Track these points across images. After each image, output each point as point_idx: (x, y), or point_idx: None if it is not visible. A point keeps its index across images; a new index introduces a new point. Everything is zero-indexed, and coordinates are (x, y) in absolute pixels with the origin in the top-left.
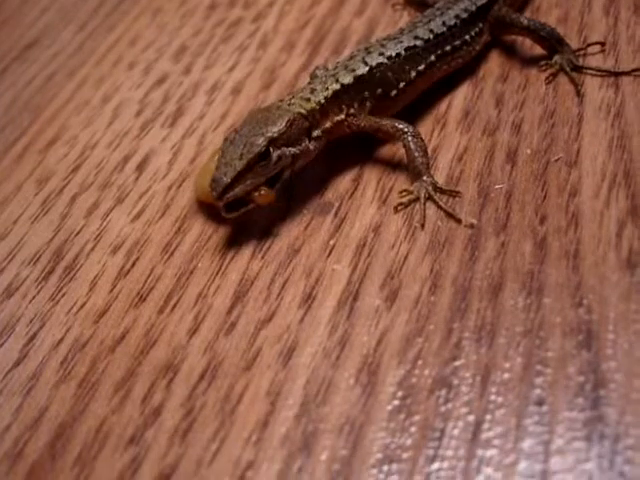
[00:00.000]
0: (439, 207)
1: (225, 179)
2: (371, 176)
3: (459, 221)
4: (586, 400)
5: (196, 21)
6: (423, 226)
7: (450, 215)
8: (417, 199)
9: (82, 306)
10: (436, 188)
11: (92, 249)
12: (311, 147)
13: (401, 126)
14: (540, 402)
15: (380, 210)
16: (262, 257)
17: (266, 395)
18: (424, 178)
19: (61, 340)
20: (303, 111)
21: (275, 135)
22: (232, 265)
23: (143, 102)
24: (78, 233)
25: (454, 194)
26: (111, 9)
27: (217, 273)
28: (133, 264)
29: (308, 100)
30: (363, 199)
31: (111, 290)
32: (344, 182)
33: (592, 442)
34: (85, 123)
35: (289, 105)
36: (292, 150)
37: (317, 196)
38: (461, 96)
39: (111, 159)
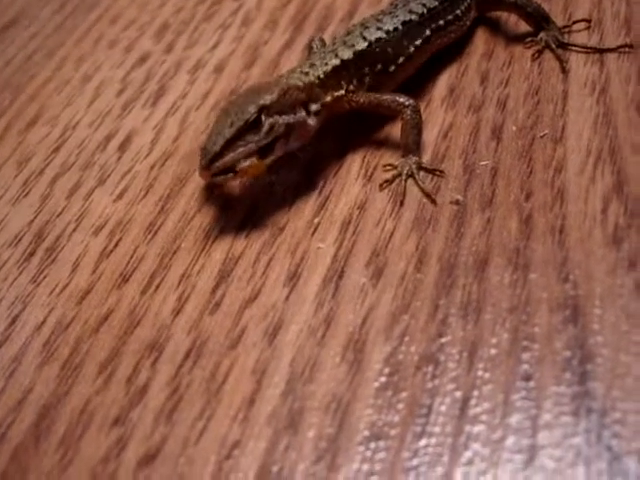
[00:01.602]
0: (418, 186)
1: (214, 147)
2: (356, 154)
3: (434, 202)
4: (573, 375)
5: None
6: (402, 202)
7: (427, 195)
8: (400, 175)
9: (64, 287)
10: (420, 167)
11: (74, 230)
12: (310, 122)
13: (402, 100)
14: (527, 377)
15: (365, 188)
16: (246, 236)
17: (252, 373)
18: (411, 156)
19: (43, 322)
20: (300, 83)
21: (267, 102)
22: (216, 244)
23: (124, 81)
24: (60, 214)
25: (438, 173)
26: None
27: (201, 252)
28: (116, 244)
29: (307, 74)
30: (348, 177)
31: (94, 271)
32: (329, 160)
33: (579, 417)
34: (66, 103)
35: (287, 79)
36: (285, 118)
37: (302, 174)
38: (446, 73)
39: (93, 139)
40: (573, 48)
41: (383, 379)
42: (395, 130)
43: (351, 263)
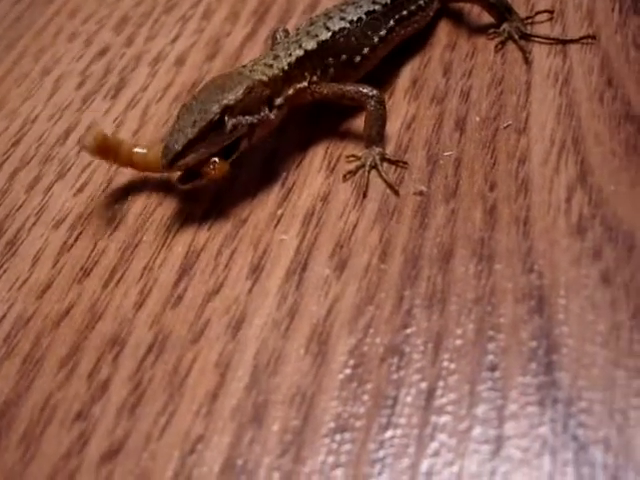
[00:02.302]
0: (381, 177)
1: (176, 146)
2: (319, 145)
3: (397, 193)
4: (539, 365)
5: None
6: (365, 194)
7: (390, 186)
8: (363, 166)
9: (25, 282)
10: (384, 158)
11: (34, 224)
12: (272, 116)
13: (366, 90)
14: (493, 368)
15: (328, 179)
16: (208, 228)
17: (215, 367)
18: (374, 147)
19: (3, 317)
20: (264, 78)
21: (231, 103)
22: (178, 237)
23: (84, 74)
24: (19, 208)
25: (401, 164)
26: None
27: (162, 246)
28: (76, 238)
29: (271, 67)
30: (311, 168)
31: (54, 265)
32: (291, 151)
33: (545, 407)
34: (25, 96)
35: (250, 72)
36: (249, 119)
37: (264, 166)
38: (409, 65)
39: (52, 133)
40: (536, 39)
41: (348, 371)
42: (358, 121)
43: (314, 255)
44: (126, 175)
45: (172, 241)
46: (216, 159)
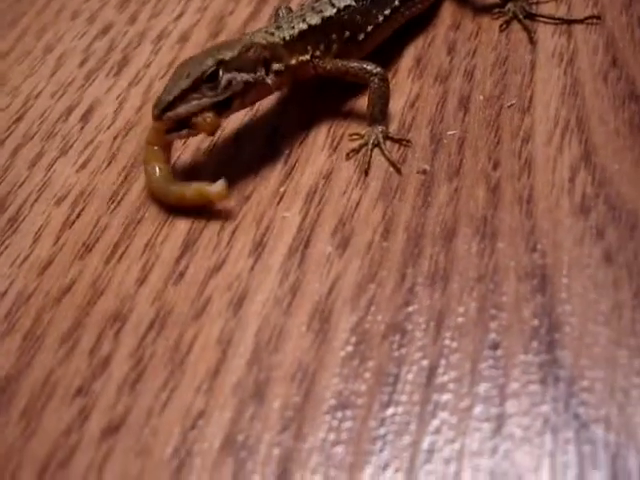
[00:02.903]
0: (384, 155)
1: (168, 97)
2: (322, 123)
3: (399, 172)
4: (541, 344)
5: None
6: (367, 172)
7: (393, 165)
8: (366, 145)
9: (26, 258)
10: (387, 136)
11: (36, 200)
12: (268, 80)
13: (370, 67)
14: (495, 346)
15: (331, 157)
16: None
17: (217, 343)
18: (377, 125)
19: (4, 293)
20: (263, 41)
21: (226, 58)
22: (180, 214)
23: (87, 51)
24: (21, 185)
25: (404, 143)
26: None
27: (165, 222)
28: (78, 215)
29: (272, 34)
30: (314, 146)
31: (56, 241)
32: (294, 129)
33: (547, 385)
34: (27, 73)
35: (252, 38)
36: (244, 76)
37: (267, 143)
38: (413, 44)
39: (55, 109)
40: (541, 19)
41: (350, 348)
42: (362, 99)
43: (317, 232)
44: (129, 152)
45: (174, 217)
46: (209, 113)
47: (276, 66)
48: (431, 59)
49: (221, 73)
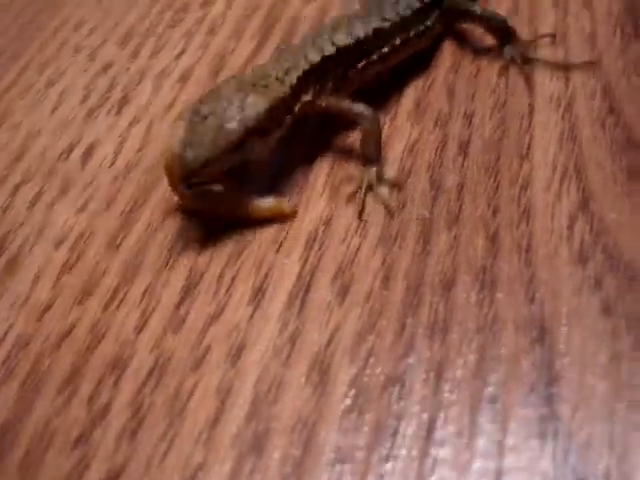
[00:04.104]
0: (376, 199)
1: (194, 163)
2: (321, 168)
3: (392, 215)
4: (539, 397)
5: (143, 5)
6: (360, 216)
7: (385, 207)
8: (360, 188)
9: (25, 301)
10: (381, 178)
11: (35, 242)
12: (279, 134)
13: (360, 109)
14: (493, 399)
15: (330, 203)
16: (211, 250)
17: (216, 393)
18: (372, 167)
19: (3, 337)
20: (280, 95)
21: (252, 124)
22: (180, 259)
23: (88, 88)
24: (21, 225)
25: (397, 187)
26: None
27: (165, 267)
28: (78, 258)
29: (283, 82)
30: (313, 191)
31: (55, 285)
32: (294, 174)
33: (546, 439)
34: (29, 109)
35: (264, 87)
36: (265, 140)
37: (267, 188)
38: (413, 85)
39: (55, 148)
40: (538, 63)
41: (349, 401)
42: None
43: (316, 280)
44: (128, 193)
45: (174, 262)
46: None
47: (288, 119)
48: (430, 102)
49: (246, 140)
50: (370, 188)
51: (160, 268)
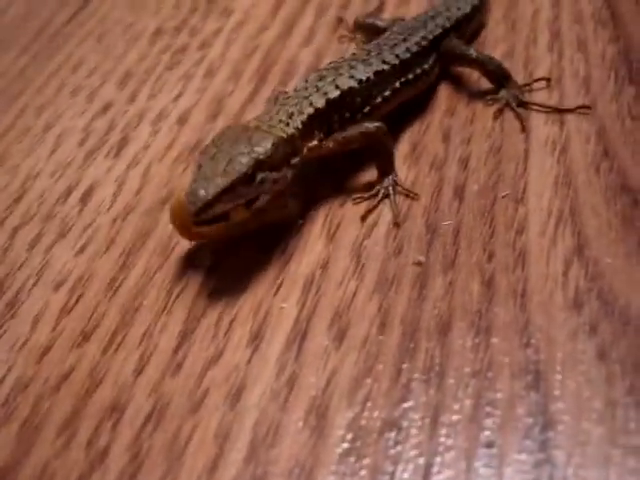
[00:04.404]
0: (391, 206)
1: (207, 195)
2: (318, 212)
3: (397, 225)
4: (534, 442)
5: (141, 47)
6: (363, 218)
7: (394, 217)
8: (375, 195)
9: (24, 344)
10: (396, 187)
11: (34, 284)
12: (288, 175)
13: (368, 125)
14: (489, 444)
15: (327, 247)
16: (208, 294)
17: (214, 438)
18: (389, 177)
19: (2, 379)
20: (285, 135)
21: (262, 157)
22: (178, 302)
23: (87, 130)
24: (20, 267)
25: (412, 196)
26: (55, 32)
27: (163, 311)
28: (77, 301)
29: (287, 125)
30: (310, 235)
31: (54, 328)
32: (291, 217)
33: None
34: (27, 151)
35: (270, 127)
36: (274, 175)
37: (264, 231)
38: (408, 130)
39: (54, 190)
40: (533, 107)
41: (346, 445)
42: (358, 186)
43: (314, 324)
44: (127, 236)
45: (172, 306)
46: (241, 208)
47: (294, 160)
48: (426, 146)
49: (257, 173)
50: (386, 196)
51: (158, 312)
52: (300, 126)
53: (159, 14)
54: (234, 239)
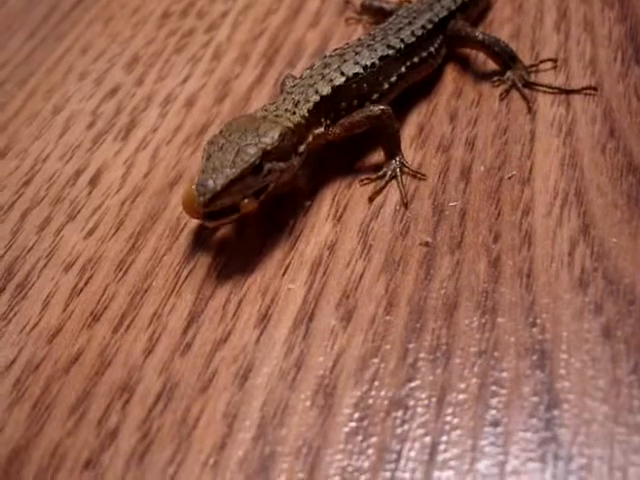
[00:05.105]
0: (399, 187)
1: (215, 187)
2: (325, 193)
3: (406, 206)
4: (540, 421)
5: (148, 30)
6: (371, 199)
7: (403, 197)
8: (384, 176)
9: (35, 325)
10: (403, 169)
11: (44, 266)
12: (295, 163)
13: (373, 109)
14: (495, 423)
15: (335, 228)
16: (217, 276)
17: (223, 417)
18: (395, 159)
19: (14, 361)
20: (291, 125)
21: (269, 148)
22: (187, 284)
23: (95, 114)
24: (30, 250)
25: (420, 176)
26: (62, 16)
27: (172, 292)
28: (86, 282)
29: (293, 113)
30: (318, 217)
31: (64, 309)
32: (298, 199)
33: (546, 463)
34: (36, 135)
35: (276, 117)
36: (282, 165)
37: (272, 213)
38: (415, 112)
39: (63, 173)
40: (539, 88)
41: (353, 424)
42: (365, 168)
43: (321, 305)
44: (136, 218)
45: (181, 287)
46: (250, 198)
47: (301, 148)
48: (433, 128)
49: (264, 163)
50: (394, 177)
51: (167, 293)
52: (306, 114)
53: None
54: (244, 218)
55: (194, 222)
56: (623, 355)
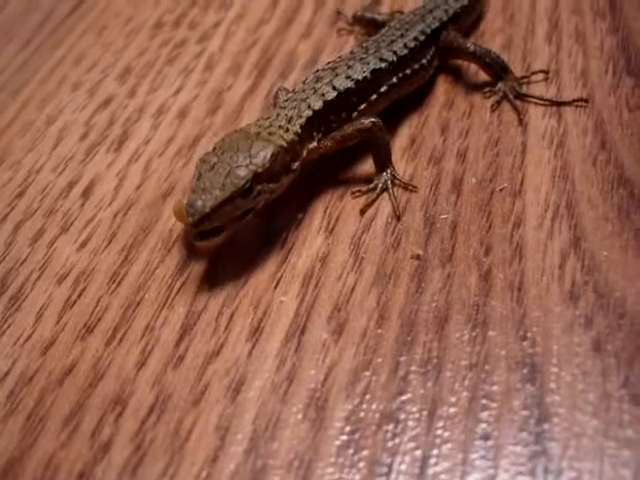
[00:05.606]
0: (390, 199)
1: (204, 208)
2: (317, 206)
3: (399, 218)
4: (530, 434)
5: (141, 40)
6: (362, 212)
7: (394, 209)
8: (375, 189)
9: (28, 337)
10: (394, 181)
11: (38, 278)
12: (285, 182)
13: (364, 122)
14: (486, 436)
15: (327, 240)
16: (209, 288)
17: (215, 430)
18: (386, 171)
19: (7, 372)
20: (284, 144)
21: (260, 170)
22: (179, 296)
23: (88, 125)
24: (23, 262)
25: (411, 188)
26: (56, 25)
27: (164, 305)
28: (79, 294)
29: (287, 130)
30: (309, 229)
31: (58, 321)
32: (291, 212)
33: (536, 476)
34: (29, 146)
35: (269, 135)
36: (272, 186)
37: (264, 226)
38: (407, 122)
39: (56, 184)
40: (531, 99)
41: (344, 437)
42: (357, 180)
43: (313, 318)
44: (128, 230)
45: (174, 300)
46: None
47: (294, 165)
48: (425, 139)
49: (254, 186)
50: (384, 190)
51: (159, 306)
52: (299, 130)
53: (158, 7)
54: (235, 231)
55: (186, 235)
56: (613, 369)
